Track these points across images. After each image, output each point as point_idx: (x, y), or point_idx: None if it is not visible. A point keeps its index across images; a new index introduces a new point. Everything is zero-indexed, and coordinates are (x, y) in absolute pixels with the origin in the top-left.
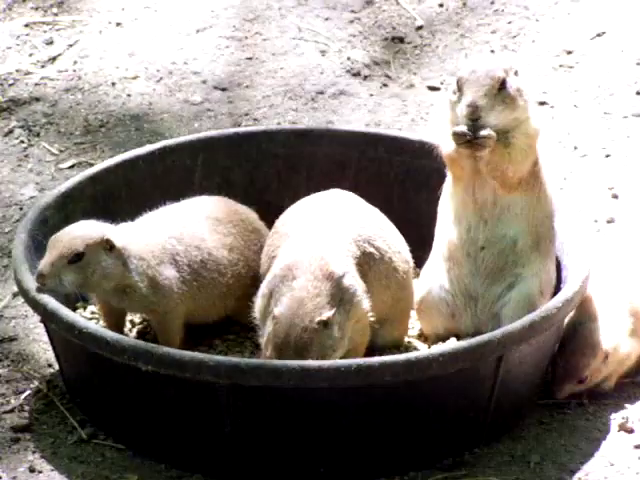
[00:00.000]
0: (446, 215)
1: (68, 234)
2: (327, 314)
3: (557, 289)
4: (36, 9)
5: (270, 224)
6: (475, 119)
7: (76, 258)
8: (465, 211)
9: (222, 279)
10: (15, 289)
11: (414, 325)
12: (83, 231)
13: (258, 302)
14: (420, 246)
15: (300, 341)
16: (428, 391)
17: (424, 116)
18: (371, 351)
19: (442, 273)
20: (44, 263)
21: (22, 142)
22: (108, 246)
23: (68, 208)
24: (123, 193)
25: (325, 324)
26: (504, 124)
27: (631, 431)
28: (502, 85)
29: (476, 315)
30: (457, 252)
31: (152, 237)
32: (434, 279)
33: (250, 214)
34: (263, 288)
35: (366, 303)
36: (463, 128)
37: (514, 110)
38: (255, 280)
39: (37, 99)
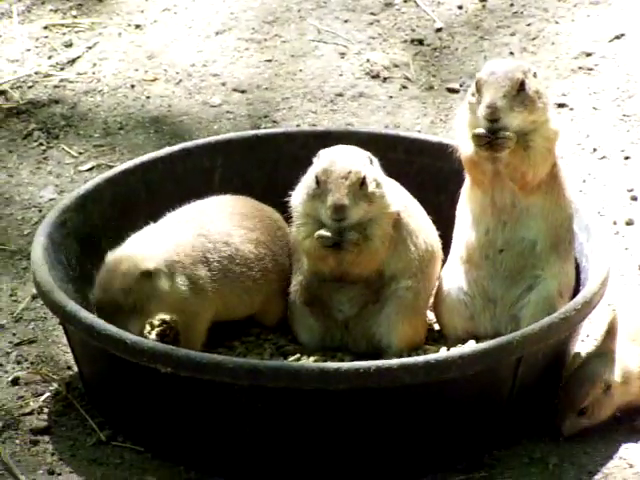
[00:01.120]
0: (465, 217)
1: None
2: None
3: (576, 291)
4: (55, 11)
5: (289, 225)
6: (494, 120)
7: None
8: (484, 214)
9: (250, 273)
10: (34, 291)
11: (433, 327)
12: (120, 274)
13: None
14: None
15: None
16: (447, 393)
17: (443, 118)
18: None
19: (461, 275)
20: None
21: (41, 144)
22: (148, 273)
23: (87, 210)
24: (142, 195)
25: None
26: (523, 126)
27: None
28: (521, 87)
29: (495, 317)
30: (476, 254)
31: (181, 236)
32: (453, 281)
33: (275, 213)
34: None
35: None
36: (483, 130)
37: (533, 112)
38: (282, 276)
39: (56, 101)
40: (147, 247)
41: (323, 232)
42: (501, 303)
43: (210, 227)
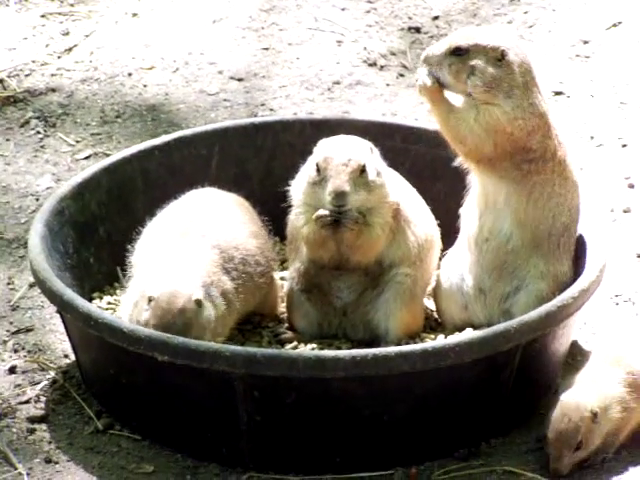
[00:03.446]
0: (472, 202)
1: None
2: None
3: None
4: (52, 0)
5: (286, 214)
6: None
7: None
8: (477, 200)
9: (259, 269)
10: (31, 279)
11: (431, 315)
12: (177, 311)
13: None
14: None
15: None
16: (444, 381)
17: None
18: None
19: (458, 263)
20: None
21: (38, 133)
22: (198, 306)
23: (84, 198)
24: (139, 183)
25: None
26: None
27: None
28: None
29: (486, 308)
30: (471, 241)
31: (200, 254)
32: (451, 269)
33: (244, 200)
34: None
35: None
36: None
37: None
38: (275, 261)
39: (53, 90)
40: (185, 275)
41: (322, 212)
42: (490, 295)
43: (217, 235)
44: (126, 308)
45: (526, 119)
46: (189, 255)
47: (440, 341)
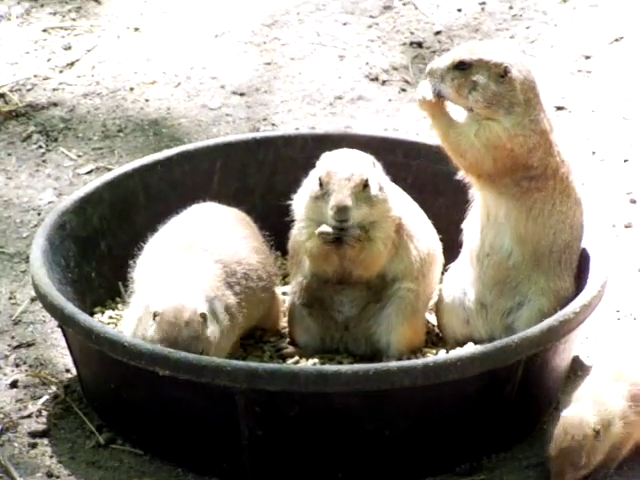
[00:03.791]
0: (474, 217)
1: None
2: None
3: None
4: (54, 14)
5: (289, 229)
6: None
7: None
8: (479, 214)
9: (261, 284)
10: (33, 294)
11: (433, 330)
12: (183, 324)
13: None
14: None
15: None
16: (446, 396)
17: None
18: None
19: (461, 278)
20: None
21: (40, 147)
22: (203, 320)
23: (86, 213)
24: (141, 198)
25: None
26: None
27: None
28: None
29: (487, 323)
30: (473, 255)
31: (204, 269)
32: (454, 284)
33: (245, 214)
34: None
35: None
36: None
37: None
38: (276, 276)
39: (55, 104)
40: (189, 290)
41: (324, 228)
42: (492, 310)
43: (220, 250)
44: (129, 323)
45: (527, 136)
46: (192, 270)
47: (442, 356)
